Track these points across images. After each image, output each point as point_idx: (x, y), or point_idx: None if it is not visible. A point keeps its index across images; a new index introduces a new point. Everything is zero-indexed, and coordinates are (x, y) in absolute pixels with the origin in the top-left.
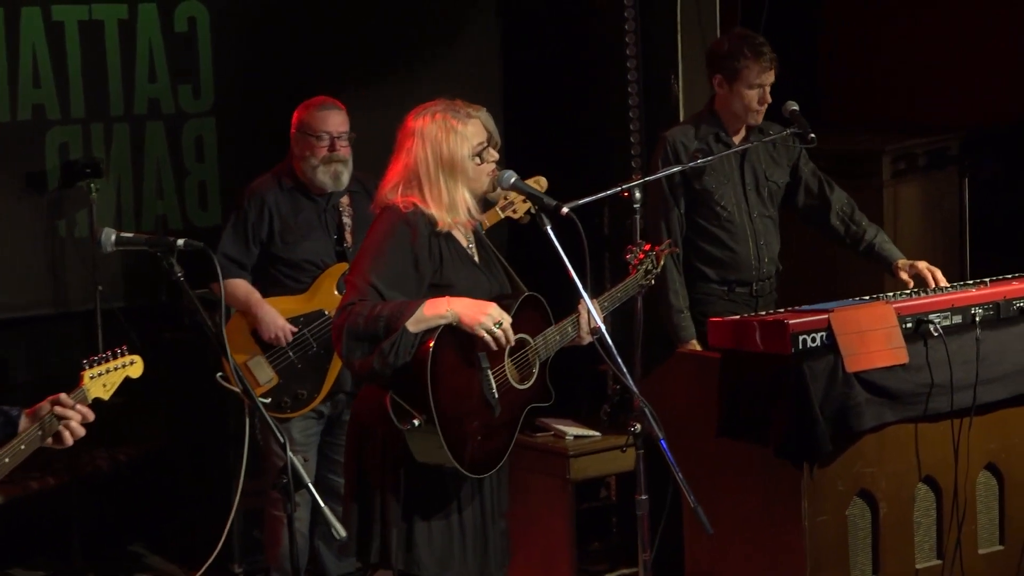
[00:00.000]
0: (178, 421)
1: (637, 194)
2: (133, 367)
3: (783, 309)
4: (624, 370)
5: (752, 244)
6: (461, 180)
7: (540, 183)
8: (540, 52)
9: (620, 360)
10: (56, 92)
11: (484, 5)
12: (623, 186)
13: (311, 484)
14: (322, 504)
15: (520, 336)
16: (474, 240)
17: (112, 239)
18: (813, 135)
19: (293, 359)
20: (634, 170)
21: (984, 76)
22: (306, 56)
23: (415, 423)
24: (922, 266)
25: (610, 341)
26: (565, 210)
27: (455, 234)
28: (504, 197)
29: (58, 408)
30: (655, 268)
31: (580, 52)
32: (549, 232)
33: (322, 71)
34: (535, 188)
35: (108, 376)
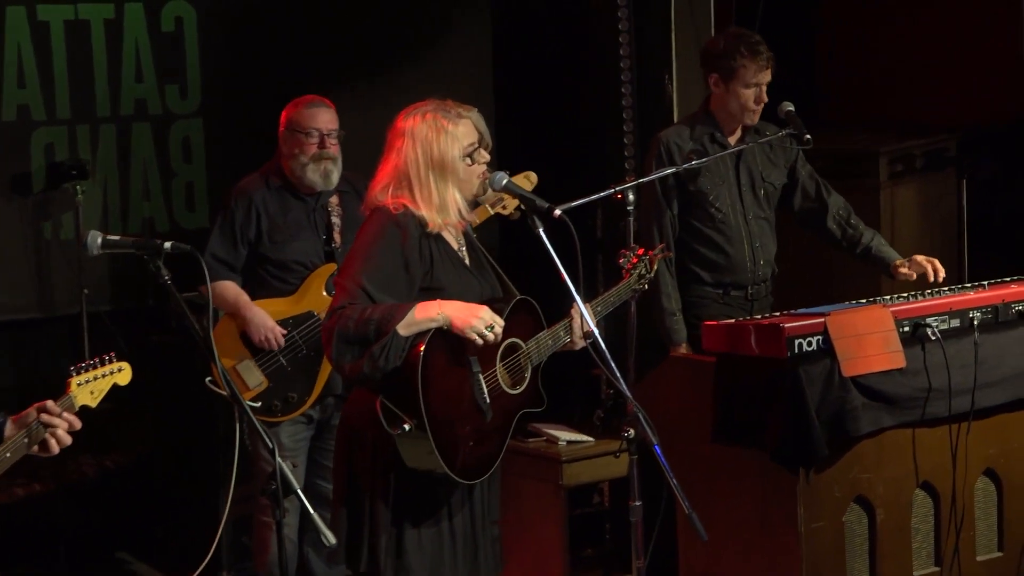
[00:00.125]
0: (165, 426)
1: (630, 196)
2: (121, 374)
3: (779, 312)
4: (617, 374)
5: (747, 247)
6: (452, 181)
7: (530, 178)
8: (533, 51)
9: (613, 364)
10: (41, 92)
11: (476, 4)
12: (616, 188)
13: (300, 490)
14: (311, 510)
15: (512, 340)
16: (465, 243)
17: (98, 242)
18: (809, 136)
19: (283, 362)
20: (627, 171)
21: (982, 75)
22: (295, 56)
23: (405, 428)
24: (920, 258)
25: (603, 345)
26: (558, 212)
27: (446, 236)
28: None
29: (44, 416)
30: (648, 273)
31: (573, 51)
32: (541, 234)
33: (312, 71)
34: (526, 188)
35: (96, 383)
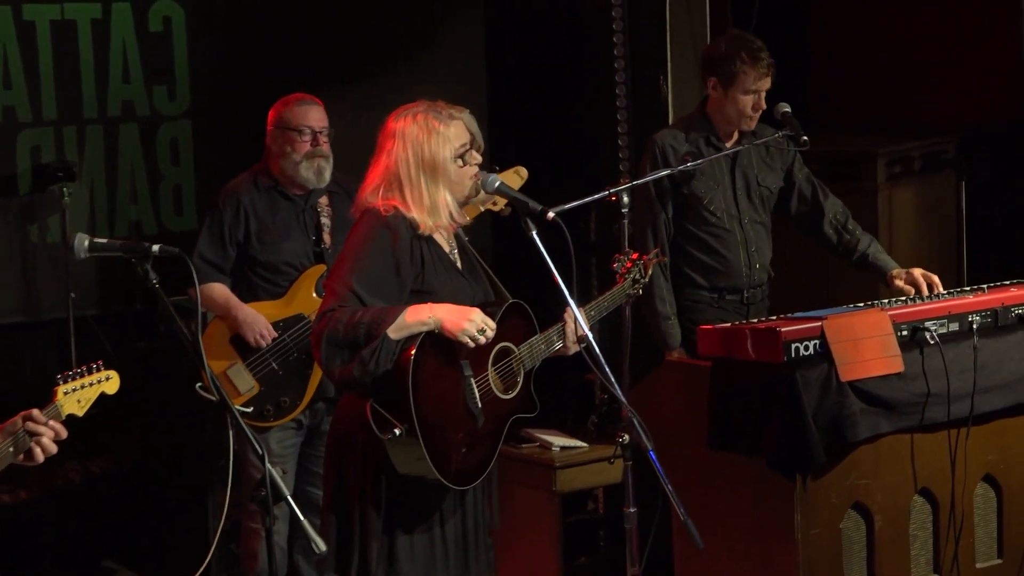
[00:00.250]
0: (153, 432)
1: (625, 198)
2: (109, 383)
3: (775, 316)
4: (612, 379)
5: (743, 251)
6: (443, 183)
7: (520, 173)
8: (526, 52)
9: (608, 369)
10: (27, 93)
11: (468, 3)
12: (610, 190)
13: (290, 496)
14: (301, 517)
15: (504, 344)
16: (456, 245)
17: (85, 245)
18: (806, 138)
19: (274, 366)
20: (622, 173)
21: (981, 76)
22: (285, 57)
23: (396, 432)
24: (917, 274)
25: (597, 350)
26: (551, 215)
27: (437, 239)
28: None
29: (30, 424)
30: (643, 278)
31: (567, 52)
32: (535, 237)
33: (302, 71)
34: (516, 183)
35: (83, 392)
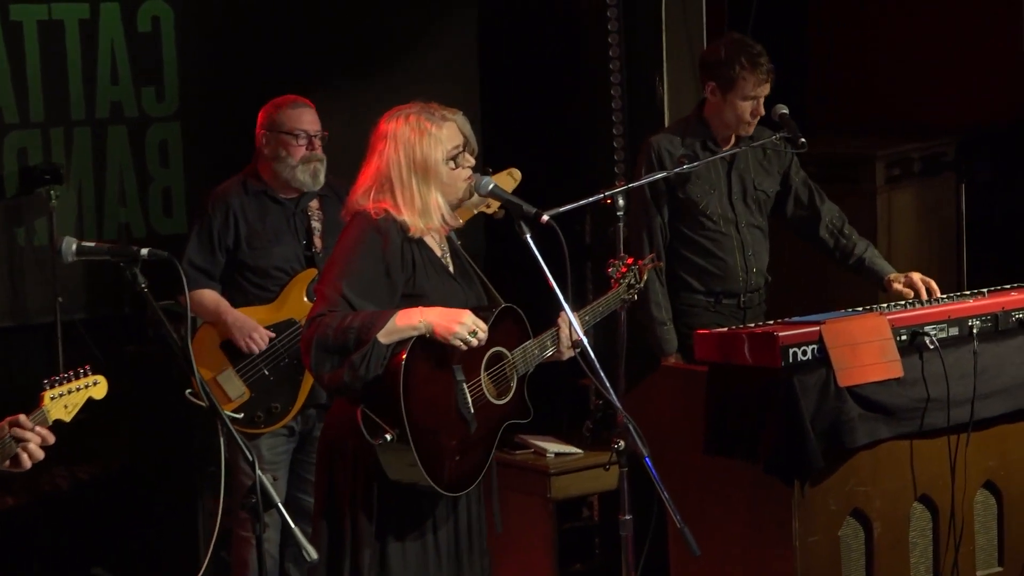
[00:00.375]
0: (142, 438)
1: (620, 201)
2: (97, 388)
3: (772, 321)
4: (607, 384)
5: (740, 255)
6: (434, 185)
7: (513, 175)
8: (520, 52)
9: (603, 374)
10: (14, 95)
11: (462, 3)
12: (606, 193)
13: (281, 504)
14: (292, 525)
15: (497, 349)
16: (449, 250)
17: (73, 248)
18: (803, 140)
19: (265, 372)
20: (617, 176)
21: (981, 76)
22: (275, 57)
23: (387, 438)
24: (916, 277)
25: (592, 354)
26: (545, 218)
27: (429, 243)
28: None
29: (16, 430)
30: (638, 283)
31: (562, 52)
32: (529, 241)
33: (293, 72)
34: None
35: (70, 397)
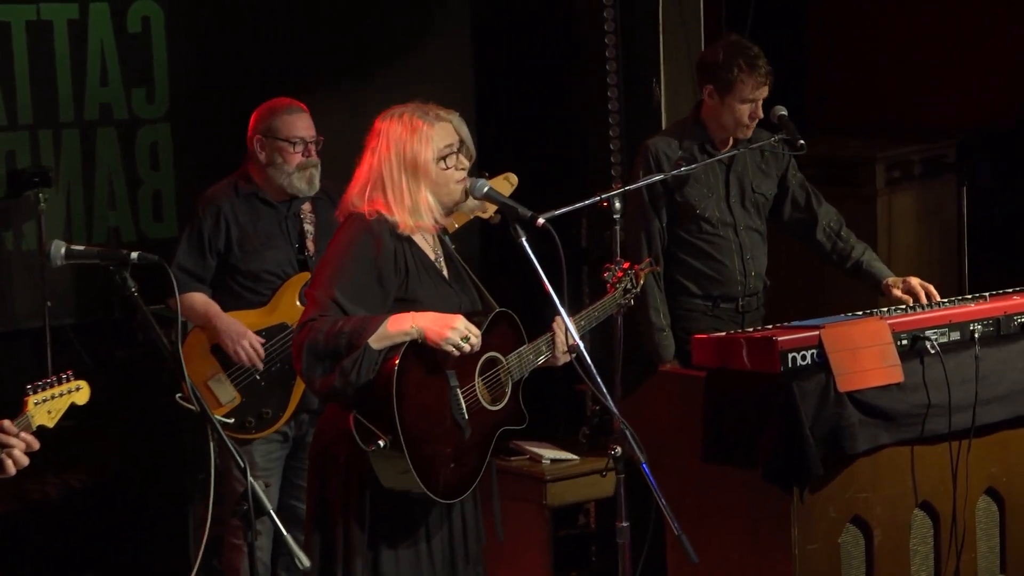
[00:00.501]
0: (132, 444)
1: (617, 204)
2: (79, 393)
3: (771, 325)
4: (604, 390)
5: (738, 258)
6: (424, 183)
7: (509, 179)
8: (515, 53)
9: (599, 379)
10: (2, 96)
11: (455, 3)
12: (602, 196)
13: (273, 511)
14: (284, 532)
15: (491, 354)
16: (443, 254)
17: (62, 252)
18: (802, 142)
19: (256, 377)
20: (614, 179)
21: (982, 77)
22: (267, 58)
23: (380, 444)
24: (915, 282)
25: (589, 359)
26: (541, 221)
27: (422, 246)
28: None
29: (1, 436)
30: (635, 288)
31: (557, 53)
32: (524, 244)
33: (285, 74)
34: (505, 190)
35: (53, 402)
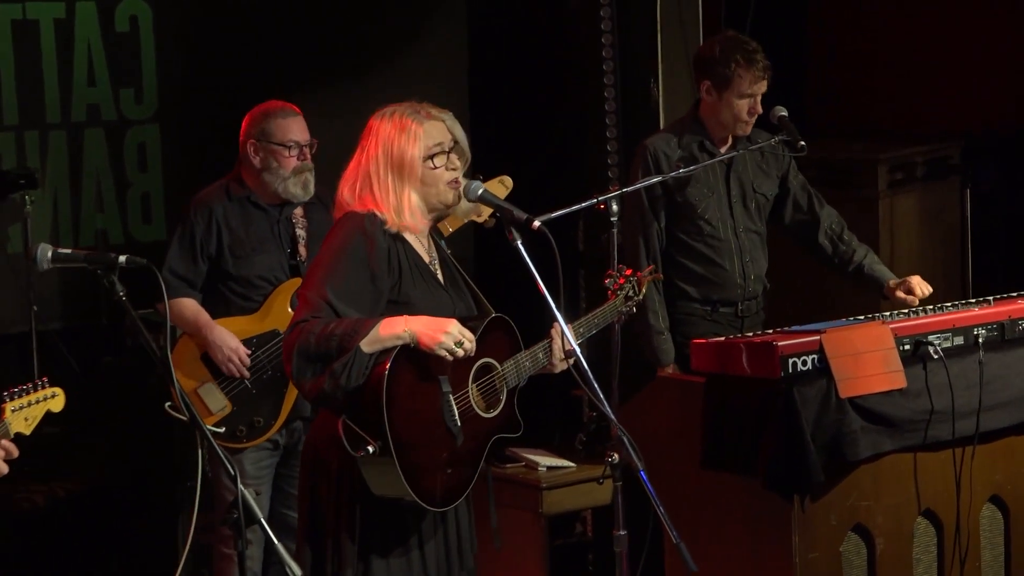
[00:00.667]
0: (120, 453)
1: (614, 206)
2: (54, 400)
3: (771, 330)
4: (600, 395)
5: (737, 261)
6: (409, 182)
7: (505, 183)
8: (510, 53)
9: (596, 385)
10: None
11: (450, 2)
12: (599, 198)
13: (264, 520)
14: (276, 541)
15: (486, 360)
16: (438, 258)
17: (48, 255)
18: (803, 143)
19: (247, 384)
20: (611, 180)
21: (986, 77)
22: (257, 58)
23: (369, 450)
24: (915, 280)
25: (585, 365)
26: (536, 224)
27: (417, 248)
28: None
29: None
30: (636, 295)
31: (553, 53)
32: (520, 248)
33: (276, 74)
34: (500, 194)
35: (30, 409)
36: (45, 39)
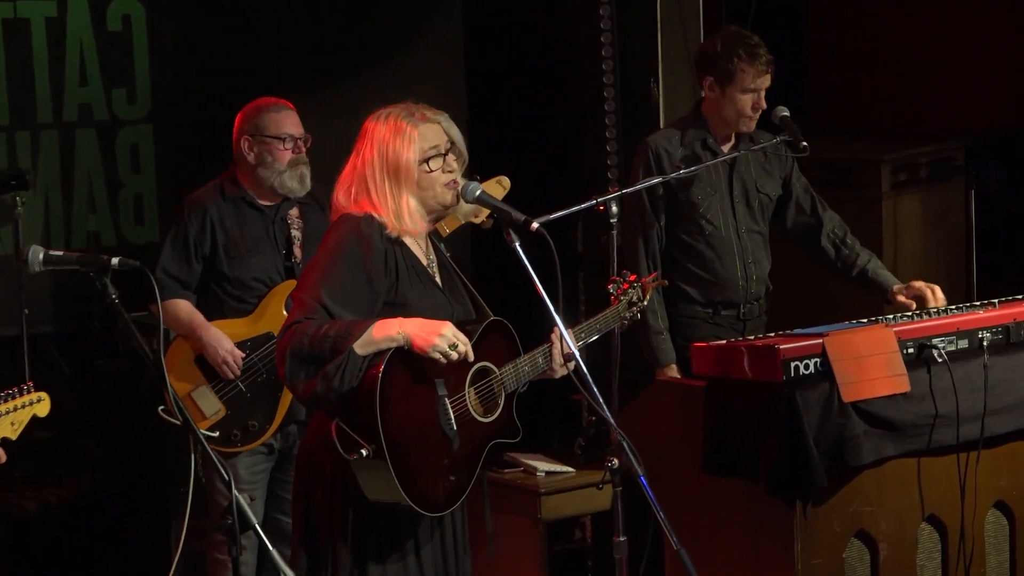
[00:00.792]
0: (112, 457)
1: (614, 208)
2: (40, 405)
3: (773, 333)
4: (600, 400)
5: (739, 263)
6: (406, 186)
7: (502, 183)
8: (509, 53)
9: (596, 389)
10: None
11: (448, 1)
12: (598, 199)
13: (258, 525)
14: (270, 547)
15: (483, 364)
16: (436, 261)
17: (40, 257)
18: (805, 143)
19: (241, 388)
20: (611, 181)
21: (989, 77)
22: (251, 58)
23: (362, 453)
24: (919, 284)
25: (585, 368)
26: (535, 225)
27: (414, 250)
28: None
29: None
30: (640, 301)
31: (552, 52)
32: (518, 250)
33: (271, 74)
34: (497, 194)
35: (16, 414)
36: (36, 38)
